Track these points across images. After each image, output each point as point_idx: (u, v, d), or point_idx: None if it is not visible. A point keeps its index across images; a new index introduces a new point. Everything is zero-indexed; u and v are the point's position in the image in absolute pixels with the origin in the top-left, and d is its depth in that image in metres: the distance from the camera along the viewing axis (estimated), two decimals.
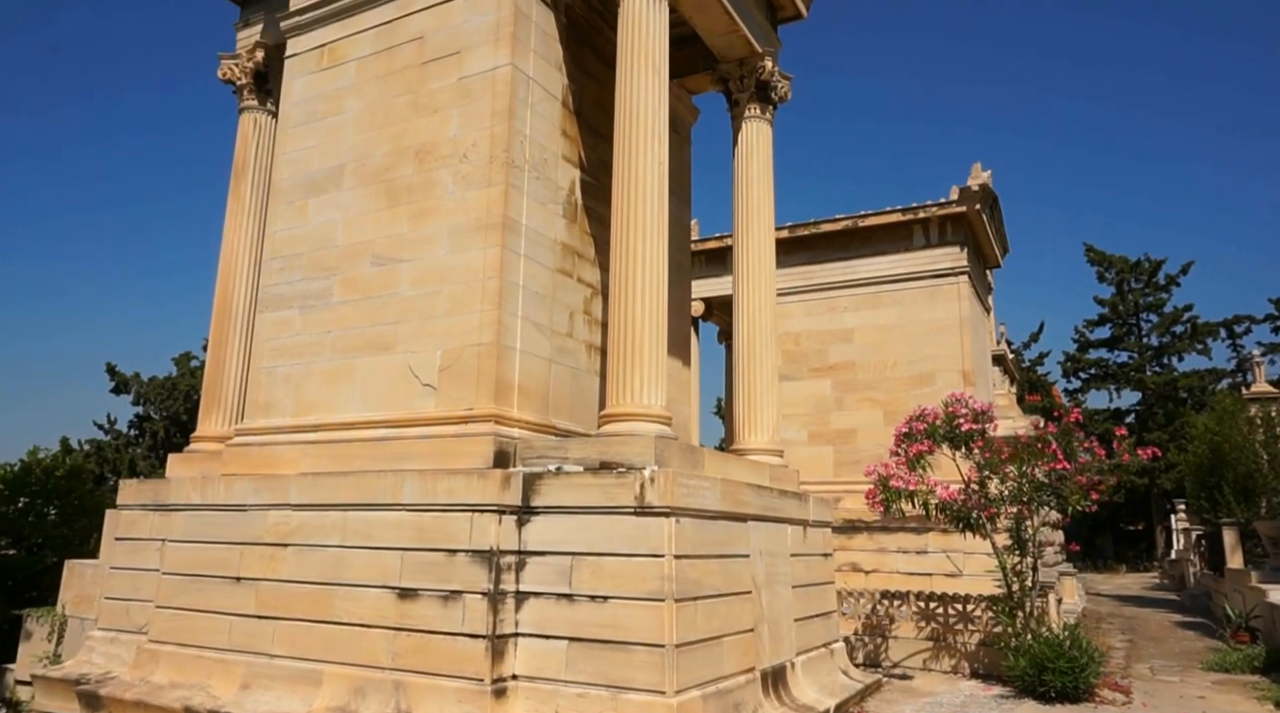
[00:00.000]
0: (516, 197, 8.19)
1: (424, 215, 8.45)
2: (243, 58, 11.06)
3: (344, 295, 8.74)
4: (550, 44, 8.99)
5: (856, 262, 17.99)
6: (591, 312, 9.27)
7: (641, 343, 7.54)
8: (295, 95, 9.77)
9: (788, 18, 11.62)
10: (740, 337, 10.26)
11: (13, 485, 13.18)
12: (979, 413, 10.58)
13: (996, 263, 20.05)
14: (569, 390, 8.72)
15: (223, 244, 10.79)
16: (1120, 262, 45.96)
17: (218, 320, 10.56)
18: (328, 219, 9.07)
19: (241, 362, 10.15)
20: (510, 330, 7.90)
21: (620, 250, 7.77)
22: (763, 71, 10.65)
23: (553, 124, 8.91)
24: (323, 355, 8.70)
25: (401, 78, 8.99)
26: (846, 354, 17.66)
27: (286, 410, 8.77)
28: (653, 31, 8.27)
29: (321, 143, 9.37)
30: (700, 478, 7.28)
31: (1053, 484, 10.22)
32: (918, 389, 16.38)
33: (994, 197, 17.99)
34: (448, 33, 8.77)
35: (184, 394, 29.17)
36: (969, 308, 16.93)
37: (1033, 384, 43.86)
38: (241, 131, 11.03)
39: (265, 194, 10.29)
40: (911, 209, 17.36)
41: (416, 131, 8.70)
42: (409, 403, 8.04)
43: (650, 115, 8.03)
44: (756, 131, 10.68)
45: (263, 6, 11.07)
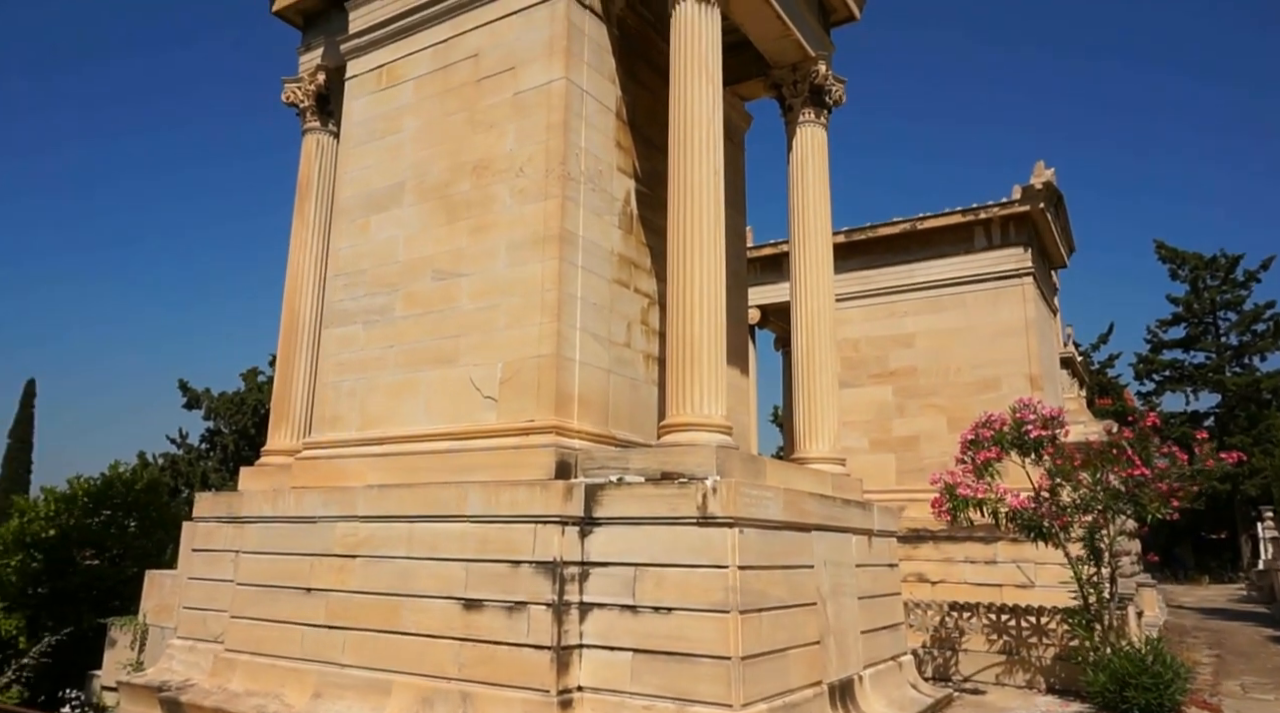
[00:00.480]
0: (573, 209, 8.23)
1: (482, 230, 8.55)
2: (305, 81, 11.37)
3: (406, 310, 8.89)
4: (603, 57, 9.04)
5: (916, 265, 17.67)
6: (649, 322, 9.27)
7: (701, 352, 7.51)
8: (355, 115, 10.01)
9: (840, 20, 11.49)
10: (799, 344, 10.14)
11: (96, 499, 13.72)
12: (1049, 418, 10.26)
13: (1062, 263, 19.48)
14: (628, 401, 8.72)
15: (288, 263, 11.09)
16: (1194, 258, 44.26)
17: (285, 337, 10.84)
18: (389, 236, 9.25)
19: (308, 377, 10.40)
20: (569, 342, 7.93)
21: (678, 261, 7.75)
22: (816, 76, 10.55)
23: (607, 136, 8.95)
24: (386, 369, 8.86)
25: (458, 95, 9.13)
26: (907, 360, 17.33)
27: (352, 424, 8.95)
28: (705, 40, 8.25)
29: (381, 161, 9.57)
30: (763, 488, 7.20)
31: (1130, 491, 9.84)
32: (982, 395, 15.98)
33: (1058, 195, 17.50)
34: (502, 49, 8.89)
35: (251, 408, 30.04)
36: (1035, 310, 16.47)
37: (1103, 387, 42.43)
38: (305, 152, 11.33)
39: (329, 213, 10.55)
40: (972, 210, 16.98)
41: (473, 147, 8.83)
42: (471, 415, 8.13)
43: (705, 124, 8.01)
44: (811, 136, 10.57)
45: (323, 30, 11.38)
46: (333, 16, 11.11)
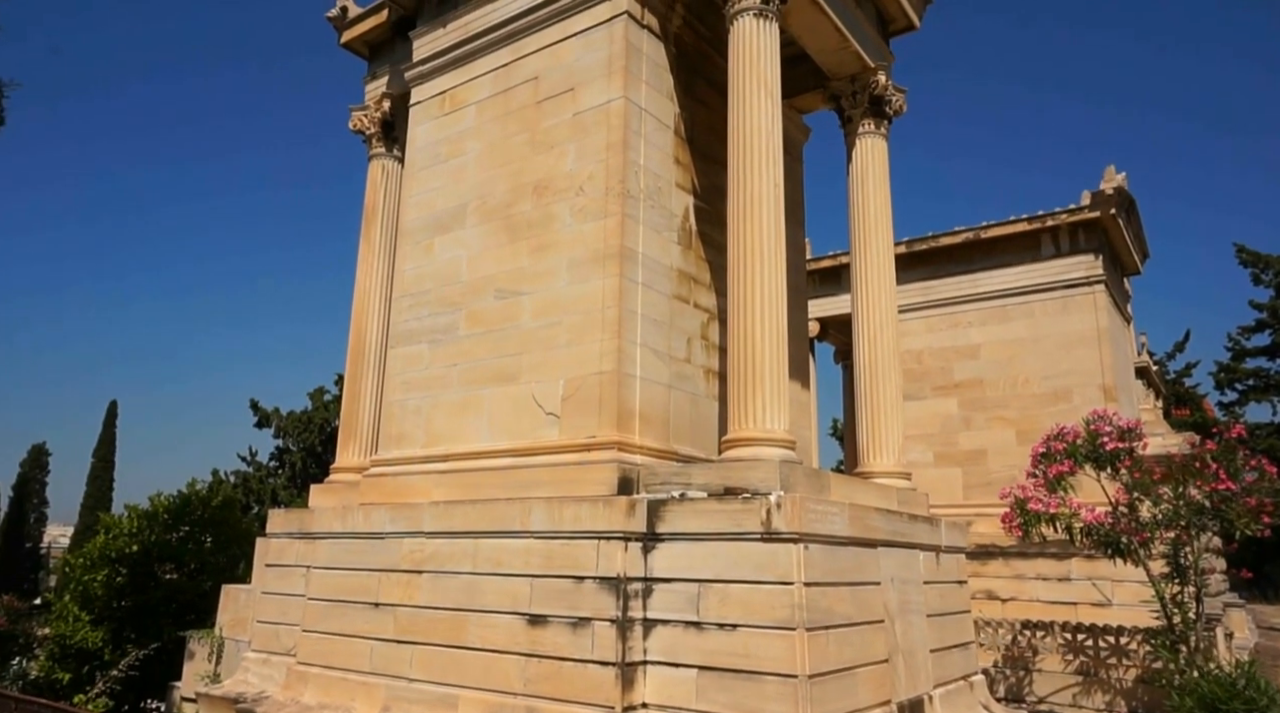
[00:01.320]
0: (632, 226, 8.29)
1: (543, 248, 8.67)
2: (370, 108, 11.71)
3: (469, 329, 9.05)
4: (661, 74, 9.11)
5: (980, 275, 17.32)
6: (709, 337, 9.25)
7: (762, 367, 7.46)
8: (419, 140, 10.26)
9: (899, 30, 11.37)
10: (861, 357, 10.00)
11: (175, 515, 14.23)
12: (1125, 430, 9.91)
13: (1136, 270, 18.86)
14: (689, 416, 8.71)
15: (355, 285, 11.39)
16: (1278, 261, 42.33)
17: (352, 358, 11.12)
18: (452, 256, 9.44)
19: (375, 396, 10.64)
20: (630, 358, 7.97)
21: (738, 275, 7.73)
22: (876, 87, 10.45)
23: (665, 152, 9.01)
24: (450, 388, 9.02)
25: (518, 117, 9.30)
26: (973, 371, 16.96)
27: (418, 441, 9.12)
28: (763, 54, 8.25)
29: (445, 184, 9.78)
30: (827, 503, 7.10)
31: (1215, 506, 9.43)
32: (1053, 406, 15.54)
33: (1130, 200, 16.97)
34: (561, 71, 9.03)
35: (318, 427, 30.82)
36: (1107, 319, 15.97)
37: (1180, 398, 40.79)
38: (371, 178, 11.65)
39: (394, 236, 10.82)
40: (1039, 218, 16.58)
41: (534, 168, 8.97)
42: (533, 432, 8.22)
43: (764, 139, 8.00)
44: (871, 147, 10.46)
45: (388, 59, 11.72)
46: (397, 46, 11.43)
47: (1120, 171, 16.38)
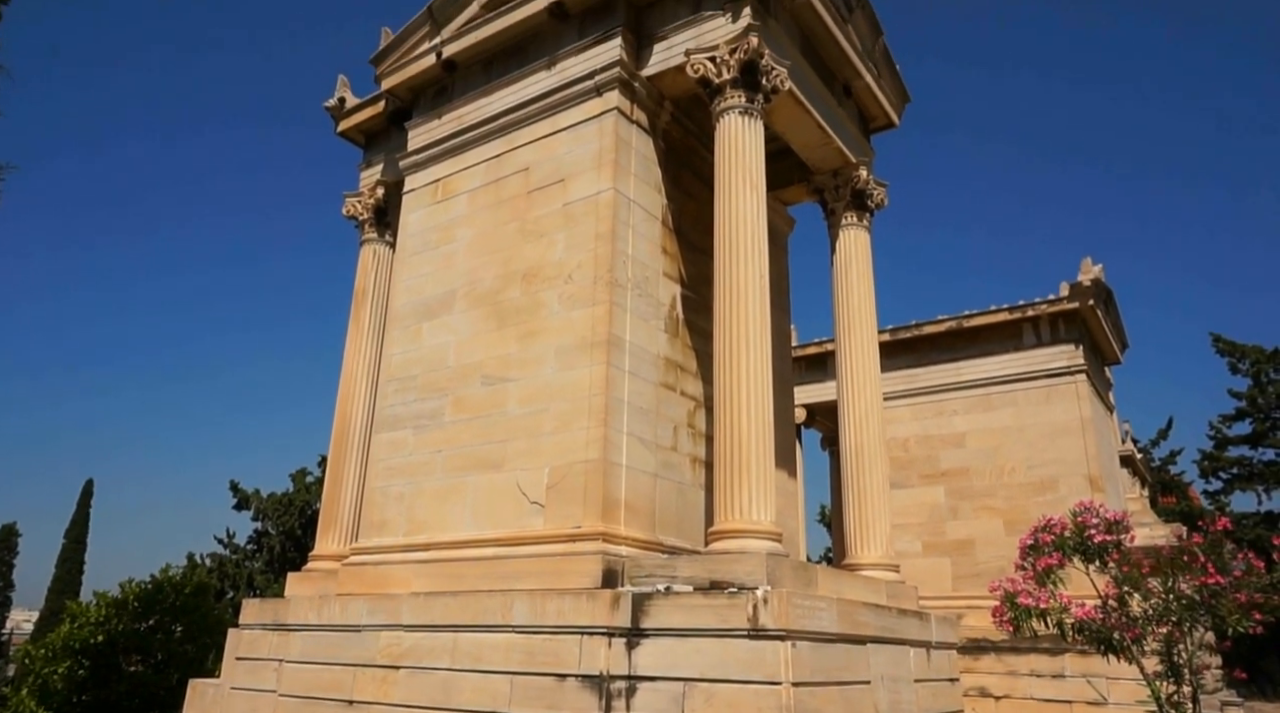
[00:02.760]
0: (620, 314, 8.37)
1: (531, 335, 8.71)
2: (364, 195, 11.92)
3: (455, 415, 9.00)
4: (649, 167, 9.35)
5: (963, 363, 17.49)
6: (695, 425, 9.24)
7: (749, 457, 7.43)
8: (411, 227, 10.42)
9: (880, 127, 11.78)
10: (847, 445, 9.99)
11: (146, 603, 13.79)
12: (1112, 523, 9.80)
13: (1116, 359, 19.11)
14: (675, 506, 8.62)
15: (343, 368, 11.37)
16: (1255, 351, 42.98)
17: (336, 442, 11.01)
18: (440, 342, 9.46)
19: (358, 482, 10.49)
20: (616, 446, 7.92)
21: (724, 365, 7.77)
22: (857, 181, 10.75)
23: (653, 242, 9.17)
24: (434, 474, 8.91)
25: (509, 206, 9.48)
26: (959, 460, 16.94)
27: (399, 529, 8.95)
28: (748, 149, 8.50)
29: (435, 270, 9.89)
30: (815, 598, 6.97)
31: (1205, 601, 9.29)
32: (1040, 496, 15.48)
33: (1108, 291, 17.32)
34: (553, 163, 9.25)
35: (299, 510, 30.25)
36: (1090, 408, 16.09)
37: (1166, 486, 40.77)
38: (362, 262, 11.77)
39: (382, 320, 10.87)
40: (1019, 308, 16.87)
41: (523, 256, 9.10)
42: (518, 521, 8.09)
43: (749, 230, 8.16)
44: (854, 239, 10.69)
45: (383, 148, 11.99)
46: (393, 135, 11.72)
47: (1097, 263, 16.77)
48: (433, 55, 10.51)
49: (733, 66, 8.42)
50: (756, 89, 8.54)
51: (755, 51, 8.38)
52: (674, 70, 9.02)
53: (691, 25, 9.01)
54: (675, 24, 9.15)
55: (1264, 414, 43.61)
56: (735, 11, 8.64)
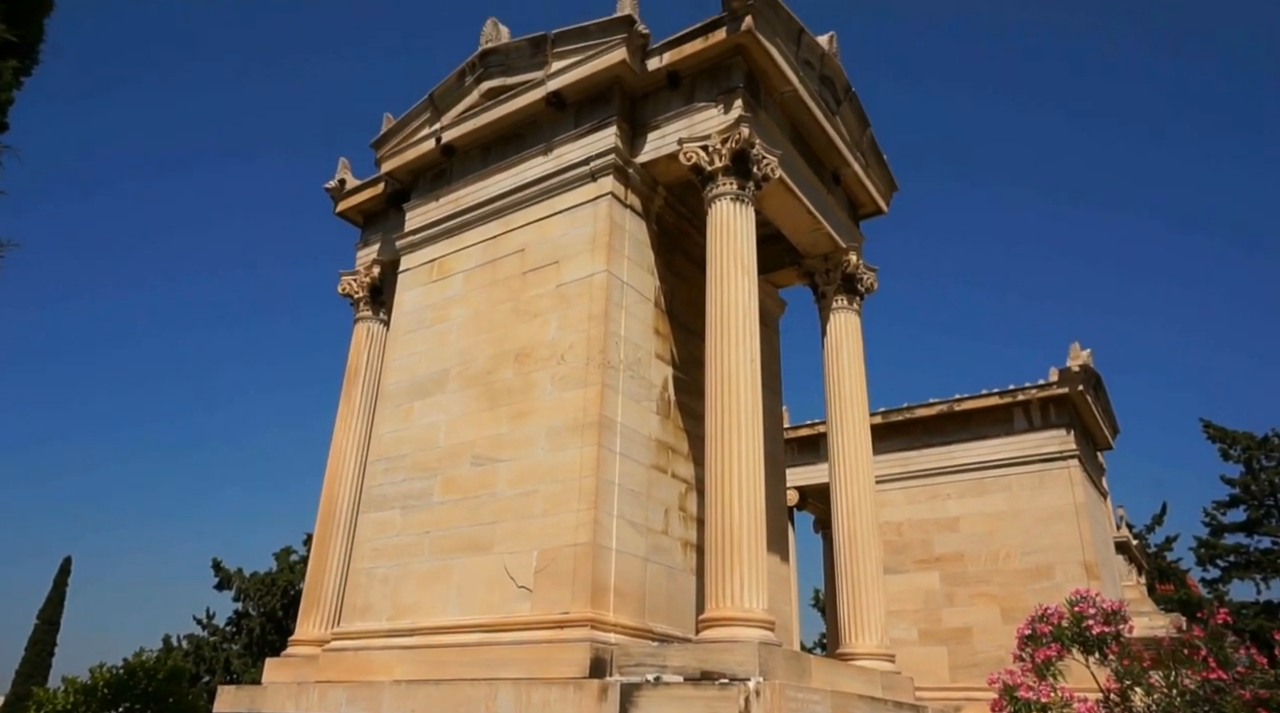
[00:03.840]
0: (612, 395, 8.37)
1: (522, 415, 8.69)
2: (360, 274, 12.05)
3: (444, 495, 8.89)
4: (643, 250, 9.50)
5: (956, 446, 17.48)
6: (686, 507, 9.14)
7: (740, 542, 7.33)
8: (406, 306, 10.50)
9: (868, 214, 12.04)
10: (840, 530, 9.87)
11: (117, 690, 13.25)
12: (1110, 613, 9.64)
13: (1108, 444, 19.12)
14: (665, 591, 8.44)
15: (332, 445, 11.28)
16: (1246, 437, 43.03)
17: (322, 521, 10.83)
18: (431, 421, 9.42)
19: (342, 562, 10.29)
20: (606, 529, 7.82)
21: (715, 448, 7.74)
22: (847, 266, 10.93)
23: (646, 324, 9.24)
24: (421, 556, 8.75)
25: (504, 286, 9.58)
26: (953, 544, 16.74)
27: (383, 613, 8.73)
28: (740, 235, 8.65)
29: (429, 349, 9.92)
30: (808, 690, 6.78)
31: (1209, 697, 9.06)
32: (1036, 583, 15.26)
33: (1097, 376, 17.45)
34: (548, 245, 9.40)
35: (281, 590, 29.52)
36: (1083, 493, 16.01)
37: (1163, 573, 40.24)
38: (355, 340, 11.81)
39: (374, 398, 10.84)
40: (1009, 392, 16.96)
41: (517, 336, 9.15)
42: (504, 606, 7.91)
43: (741, 314, 8.25)
44: (845, 323, 10.80)
45: (380, 228, 12.19)
46: (390, 215, 11.93)
47: (1085, 348, 16.95)
48: (433, 140, 10.79)
49: (724, 155, 8.66)
50: (747, 177, 8.77)
51: (746, 141, 8.63)
52: (667, 158, 9.26)
53: (684, 115, 9.30)
54: (668, 114, 9.44)
55: (1258, 501, 43.40)
56: (727, 104, 8.94)
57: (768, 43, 8.97)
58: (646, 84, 9.54)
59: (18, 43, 6.64)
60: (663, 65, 9.28)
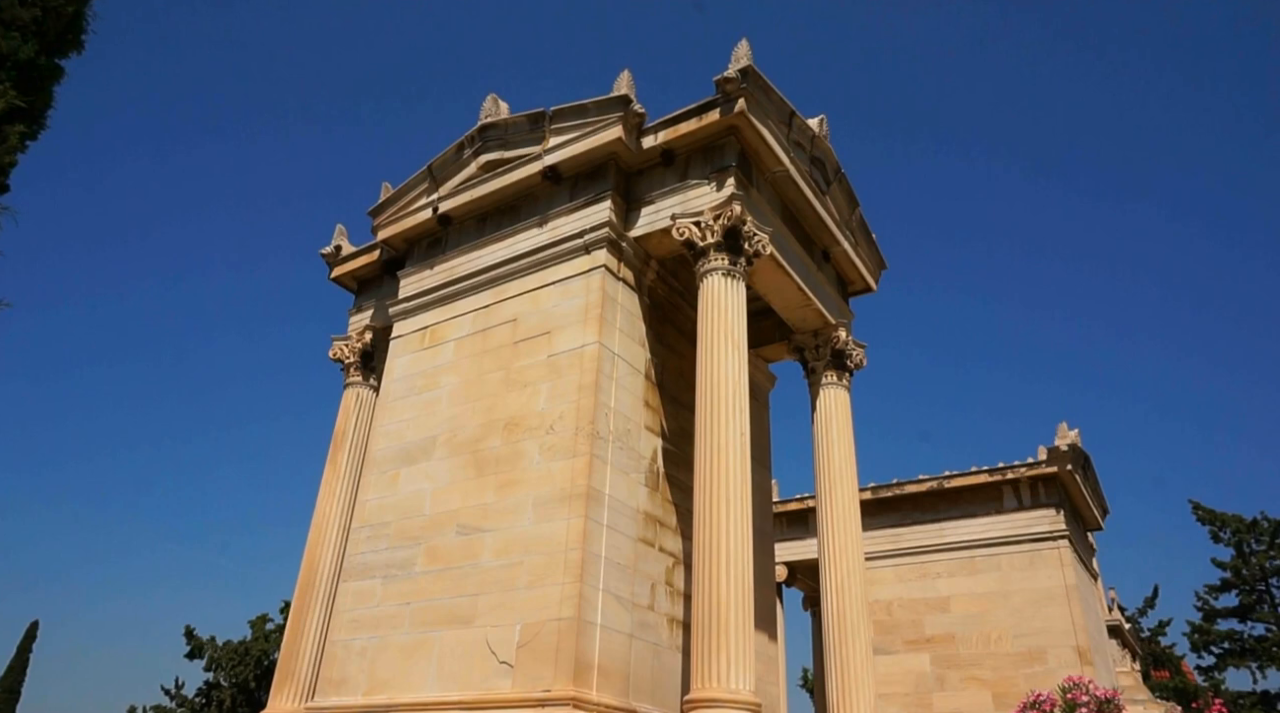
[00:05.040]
0: (600, 467, 8.32)
1: (510, 485, 8.62)
2: (352, 339, 12.08)
3: (427, 565, 8.74)
4: (634, 322, 9.58)
5: (946, 524, 17.34)
6: (673, 583, 9.00)
7: (727, 620, 7.20)
8: (397, 372, 10.50)
9: (858, 291, 12.22)
10: (829, 609, 9.72)
11: None
12: (1104, 701, 9.46)
13: (1097, 525, 19.02)
14: (650, 668, 8.25)
15: (315, 512, 11.12)
16: (1235, 521, 42.82)
17: (301, 589, 10.60)
18: (417, 489, 9.33)
19: (320, 633, 10.03)
20: (591, 604, 7.67)
21: (703, 523, 7.68)
22: (837, 342, 11.03)
23: (636, 396, 9.25)
24: (401, 628, 8.54)
25: (495, 355, 9.61)
26: (944, 625, 16.46)
27: (359, 687, 8.48)
28: (730, 309, 8.76)
29: (417, 415, 9.89)
30: None
31: None
32: (1028, 668, 14.97)
33: (1085, 456, 17.47)
34: (540, 315, 9.47)
35: (255, 659, 28.65)
36: (1074, 574, 15.84)
37: (1158, 658, 39.52)
38: (344, 405, 11.77)
39: (360, 464, 10.75)
40: (999, 470, 16.94)
41: (507, 404, 9.14)
42: (485, 682, 7.70)
43: (730, 388, 8.28)
44: (834, 398, 10.85)
45: (374, 294, 12.28)
46: (384, 282, 12.03)
47: (1073, 427, 17.01)
48: (430, 209, 10.97)
49: (716, 231, 8.82)
50: (739, 252, 8.92)
51: (738, 218, 8.80)
52: (660, 232, 9.42)
53: (678, 192, 9.50)
54: (662, 190, 9.65)
55: (1249, 586, 42.98)
56: (720, 181, 9.15)
57: (760, 124, 9.24)
58: (641, 160, 9.77)
59: (26, 108, 6.79)
60: (658, 143, 9.52)
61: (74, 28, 8.21)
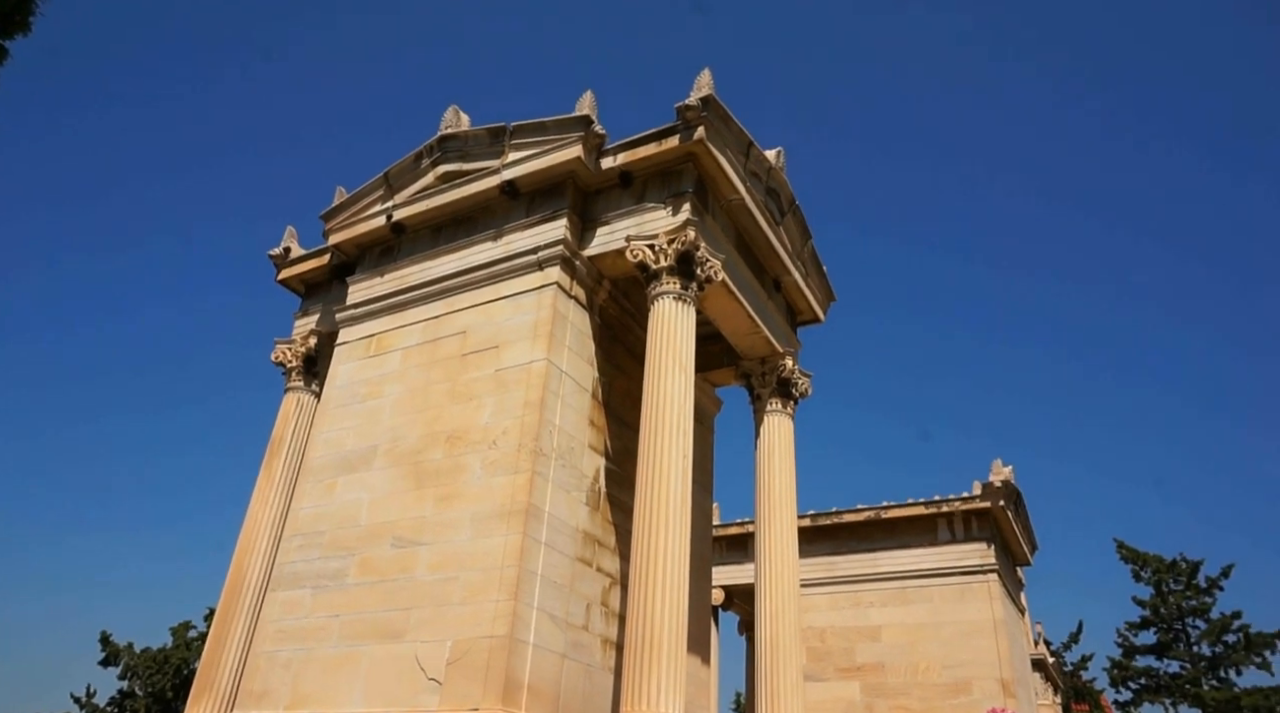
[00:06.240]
0: (541, 484, 8.29)
1: (449, 499, 8.53)
2: (296, 343, 11.86)
3: (360, 577, 8.58)
4: (584, 341, 9.60)
5: (881, 554, 17.62)
6: (609, 603, 8.98)
7: (660, 641, 7.21)
8: (340, 379, 10.33)
9: (806, 321, 12.43)
10: (762, 635, 9.78)
11: None
12: None
13: (1026, 561, 19.51)
14: (581, 690, 8.20)
15: (246, 518, 10.84)
16: (1155, 561, 44.30)
17: (227, 597, 10.31)
18: (354, 498, 9.17)
19: (244, 644, 9.75)
20: (525, 623, 7.61)
21: (641, 544, 7.69)
22: (783, 370, 11.19)
23: (581, 414, 9.25)
24: (328, 641, 8.36)
25: (442, 366, 9.53)
26: (875, 654, 16.68)
27: (280, 701, 8.26)
28: (680, 333, 8.83)
29: (359, 424, 9.73)
30: None
31: None
32: (954, 698, 15.23)
33: (1017, 492, 17.94)
34: (490, 329, 9.43)
35: (175, 668, 27.66)
36: (1002, 609, 16.21)
37: (1079, 692, 40.58)
38: (283, 410, 11.52)
39: (296, 471, 10.52)
40: (934, 503, 17.28)
41: (451, 417, 9.06)
42: (412, 699, 7.56)
43: (676, 412, 8.34)
44: (778, 425, 10.98)
45: (322, 299, 12.08)
46: (333, 287, 11.85)
47: (1007, 465, 17.47)
48: (384, 217, 10.86)
49: (670, 255, 8.91)
50: (691, 277, 9.01)
51: (692, 243, 8.91)
52: (614, 253, 9.48)
53: (634, 214, 9.58)
54: (619, 211, 9.72)
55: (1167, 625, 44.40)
56: (675, 206, 9.25)
57: (718, 152, 9.38)
58: (599, 181, 9.84)
59: None
60: (616, 165, 9.60)
61: (21, 8, 7.99)
